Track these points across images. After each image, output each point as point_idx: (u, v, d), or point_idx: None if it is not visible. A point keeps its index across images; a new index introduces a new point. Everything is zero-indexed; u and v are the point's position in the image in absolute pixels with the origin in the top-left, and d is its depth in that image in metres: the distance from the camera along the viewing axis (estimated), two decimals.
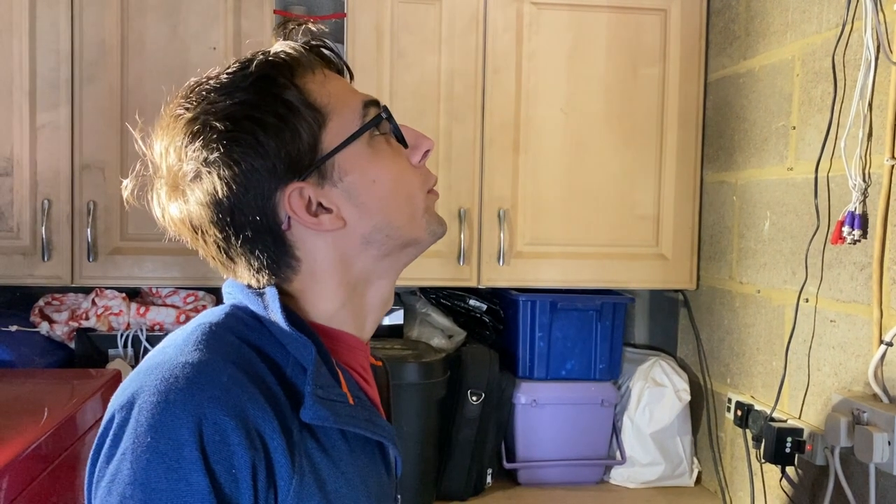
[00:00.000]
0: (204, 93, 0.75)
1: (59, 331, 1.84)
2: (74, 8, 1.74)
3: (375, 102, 0.80)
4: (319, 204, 0.76)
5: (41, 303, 1.88)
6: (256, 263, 0.77)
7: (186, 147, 0.74)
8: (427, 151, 0.82)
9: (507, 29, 1.87)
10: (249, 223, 0.74)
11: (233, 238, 0.75)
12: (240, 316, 0.76)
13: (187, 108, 0.75)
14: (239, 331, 0.74)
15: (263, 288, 0.77)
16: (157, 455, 0.63)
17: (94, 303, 1.86)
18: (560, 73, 1.89)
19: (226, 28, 1.79)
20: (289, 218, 0.75)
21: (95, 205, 1.75)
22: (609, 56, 1.91)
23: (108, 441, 0.67)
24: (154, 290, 1.94)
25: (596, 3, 1.89)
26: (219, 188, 0.73)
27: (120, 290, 1.89)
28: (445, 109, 1.86)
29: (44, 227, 1.73)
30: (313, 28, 0.83)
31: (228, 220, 0.74)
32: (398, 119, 0.82)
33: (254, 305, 0.77)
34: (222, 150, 0.72)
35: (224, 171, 0.72)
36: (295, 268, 0.78)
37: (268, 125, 0.73)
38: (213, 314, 0.77)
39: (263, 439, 0.66)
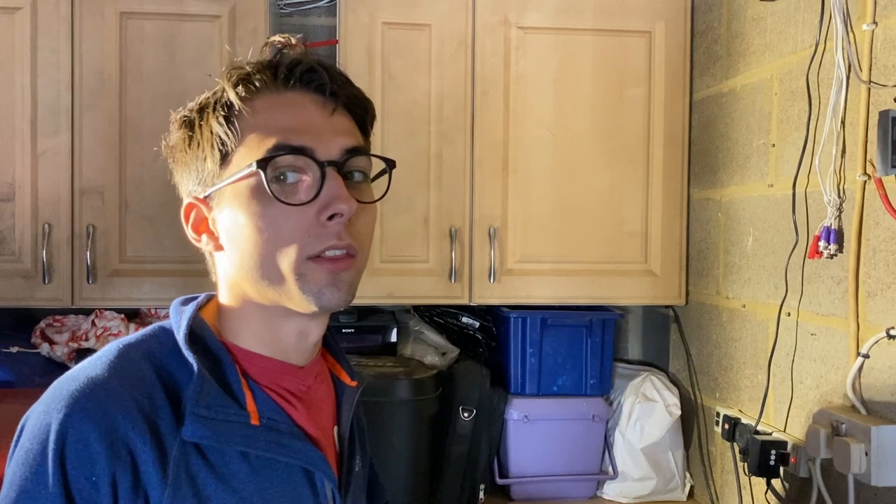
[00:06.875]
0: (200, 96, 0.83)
1: (60, 351, 1.88)
2: (74, 38, 1.80)
3: (291, 149, 0.75)
4: (214, 224, 0.80)
5: (42, 324, 1.92)
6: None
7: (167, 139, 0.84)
8: (335, 215, 0.74)
9: (495, 53, 1.91)
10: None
11: None
12: (158, 335, 0.80)
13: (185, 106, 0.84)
14: (147, 347, 0.78)
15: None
16: (29, 459, 0.70)
17: (93, 324, 1.90)
18: (547, 94, 1.93)
19: (221, 56, 1.84)
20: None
21: (95, 228, 1.80)
22: (595, 77, 1.95)
23: (11, 445, 0.74)
24: (153, 311, 1.98)
25: (581, 27, 1.94)
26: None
27: (119, 311, 1.93)
28: (436, 131, 1.90)
29: (44, 251, 1.77)
30: (292, 43, 0.81)
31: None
32: (391, 142, 0.82)
33: (174, 322, 0.80)
34: (170, 149, 0.83)
35: (172, 166, 0.84)
36: (213, 273, 0.85)
37: (191, 141, 0.81)
38: (140, 332, 0.82)
39: (131, 451, 0.70)
